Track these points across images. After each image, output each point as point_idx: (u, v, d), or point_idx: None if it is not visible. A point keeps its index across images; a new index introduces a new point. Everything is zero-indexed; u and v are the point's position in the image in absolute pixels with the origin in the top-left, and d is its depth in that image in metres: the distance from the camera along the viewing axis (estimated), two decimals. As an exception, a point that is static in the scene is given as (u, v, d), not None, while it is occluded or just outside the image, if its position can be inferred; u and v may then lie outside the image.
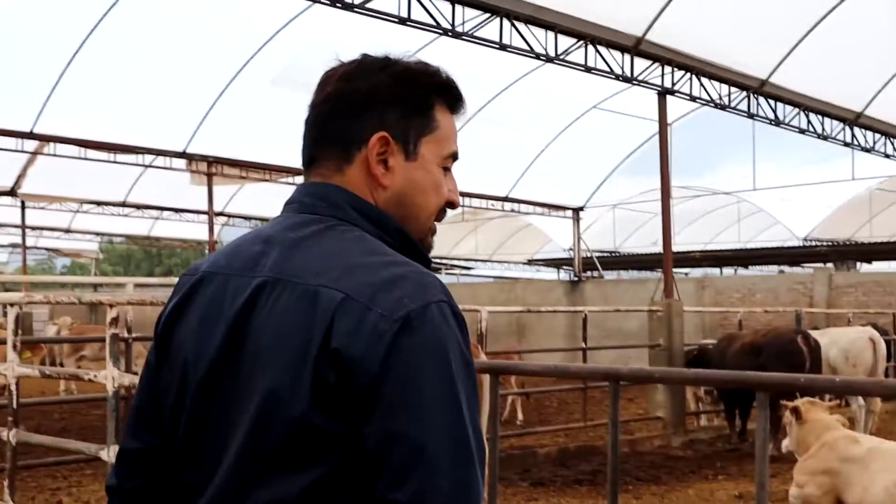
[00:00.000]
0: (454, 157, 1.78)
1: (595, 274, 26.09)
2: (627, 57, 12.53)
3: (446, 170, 1.77)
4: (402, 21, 10.34)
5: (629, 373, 4.84)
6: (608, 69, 12.29)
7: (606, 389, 11.34)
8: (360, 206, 1.68)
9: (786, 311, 16.77)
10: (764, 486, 3.28)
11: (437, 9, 10.59)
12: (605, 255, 29.38)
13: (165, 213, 26.18)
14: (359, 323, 1.49)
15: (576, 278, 23.95)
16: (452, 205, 1.79)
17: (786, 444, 9.17)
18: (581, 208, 23.69)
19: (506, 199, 22.41)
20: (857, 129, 16.48)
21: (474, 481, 1.50)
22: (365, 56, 1.74)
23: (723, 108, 13.93)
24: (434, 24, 10.58)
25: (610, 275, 31.74)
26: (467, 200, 22.10)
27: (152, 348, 1.75)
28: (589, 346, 12.53)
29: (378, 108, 1.68)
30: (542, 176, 21.76)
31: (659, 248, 33.03)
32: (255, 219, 26.36)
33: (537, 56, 11.64)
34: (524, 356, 14.44)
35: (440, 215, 1.79)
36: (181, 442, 1.64)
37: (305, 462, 1.51)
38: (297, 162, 2.50)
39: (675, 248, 31.98)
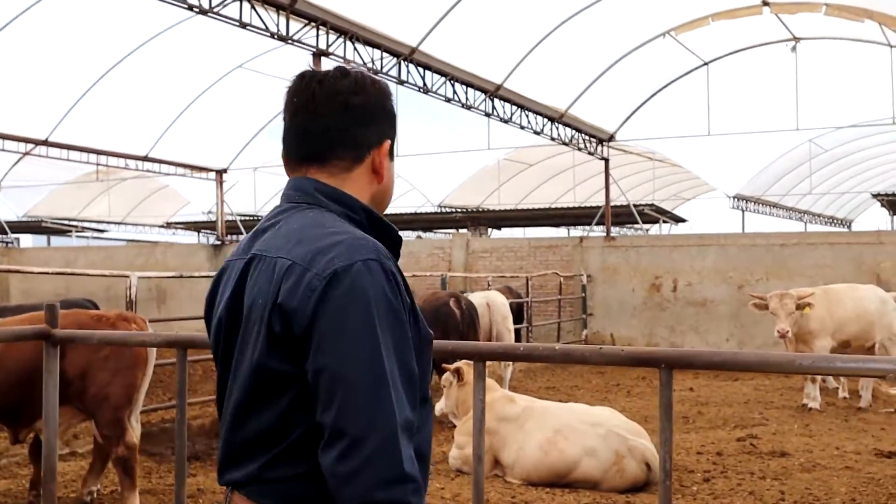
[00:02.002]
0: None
1: (239, 237, 25.48)
2: (283, 15, 12.18)
3: None
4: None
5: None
6: (263, 26, 11.86)
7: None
8: (326, 190, 2.09)
9: (432, 276, 17.26)
10: (481, 458, 3.17)
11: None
12: (248, 218, 28.85)
13: None
14: (297, 282, 1.89)
15: (219, 242, 23.27)
16: None
17: (440, 406, 9.40)
18: (224, 170, 23.03)
19: (145, 159, 21.24)
20: (496, 101, 17.21)
21: (387, 403, 1.81)
22: (344, 70, 2.13)
23: (374, 73, 13.89)
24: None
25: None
26: (103, 158, 20.76)
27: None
28: None
29: (378, 119, 2.12)
30: (184, 136, 20.87)
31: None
32: None
33: (190, 7, 10.99)
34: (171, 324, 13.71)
35: None
36: (219, 381, 2.13)
37: (272, 397, 1.93)
38: None
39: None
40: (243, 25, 11.56)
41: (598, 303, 19.97)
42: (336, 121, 2.07)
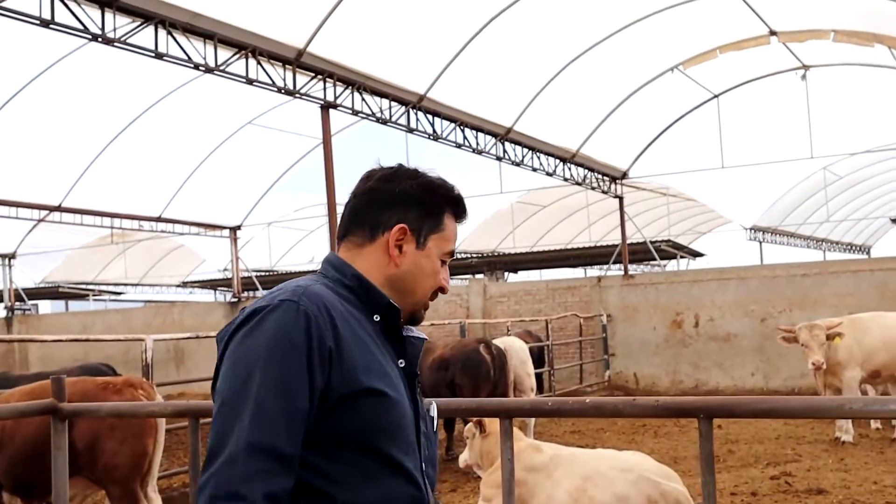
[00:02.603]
0: (451, 254, 2.33)
1: (256, 293, 25.36)
2: (290, 70, 12.14)
3: (443, 262, 2.31)
4: (45, 24, 9.30)
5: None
6: (270, 81, 11.82)
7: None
8: (334, 261, 2.28)
9: (450, 323, 17.07)
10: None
11: (85, 12, 9.64)
12: (263, 273, 28.77)
13: None
14: (233, 319, 2.09)
15: (235, 299, 23.17)
16: (443, 290, 2.33)
17: (464, 458, 9.17)
18: (238, 227, 22.97)
19: (159, 220, 21.20)
20: (507, 144, 17.13)
21: (242, 424, 1.92)
22: (401, 166, 2.31)
23: (384, 122, 13.89)
24: (82, 27, 9.60)
25: (270, 294, 31.09)
26: (117, 221, 20.72)
27: None
28: None
29: (404, 206, 2.24)
30: (196, 195, 20.85)
31: (314, 266, 33.10)
32: None
33: (196, 66, 10.94)
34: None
35: (433, 296, 2.31)
36: None
37: None
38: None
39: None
40: (250, 82, 11.51)
41: (620, 342, 19.72)
42: (360, 202, 2.27)
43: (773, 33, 16.14)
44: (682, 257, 30.56)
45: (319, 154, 21.97)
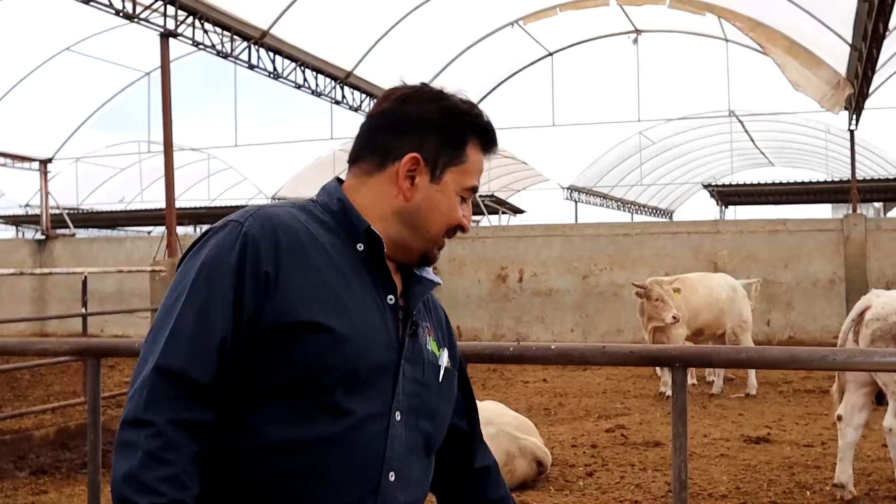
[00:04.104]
0: (473, 190, 2.07)
1: (69, 232, 23.94)
2: (128, -10, 11.38)
3: (464, 199, 2.06)
4: None
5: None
6: (108, 3, 11.02)
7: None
8: (329, 185, 2.07)
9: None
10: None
11: None
12: (72, 211, 27.30)
13: None
14: None
15: (44, 236, 21.83)
16: (462, 228, 2.08)
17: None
18: (49, 160, 21.61)
19: (-40, 147, 19.71)
20: (346, 88, 16.76)
21: (156, 347, 1.78)
22: (423, 85, 2.07)
23: (224, 56, 13.27)
24: None
25: (81, 233, 29.61)
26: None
27: None
28: (90, 312, 11.06)
29: (420, 133, 1.99)
30: (4, 123, 19.46)
31: (123, 206, 31.74)
32: None
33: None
34: None
35: (450, 233, 2.08)
36: None
37: None
38: None
39: (143, 206, 30.91)
40: (86, 1, 10.70)
41: (446, 295, 19.77)
42: (373, 124, 2.05)
43: (613, -6, 16.42)
44: (503, 213, 31.01)
45: (139, 88, 21.02)
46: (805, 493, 7.36)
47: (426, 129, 1.99)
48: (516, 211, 31.71)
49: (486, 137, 2.06)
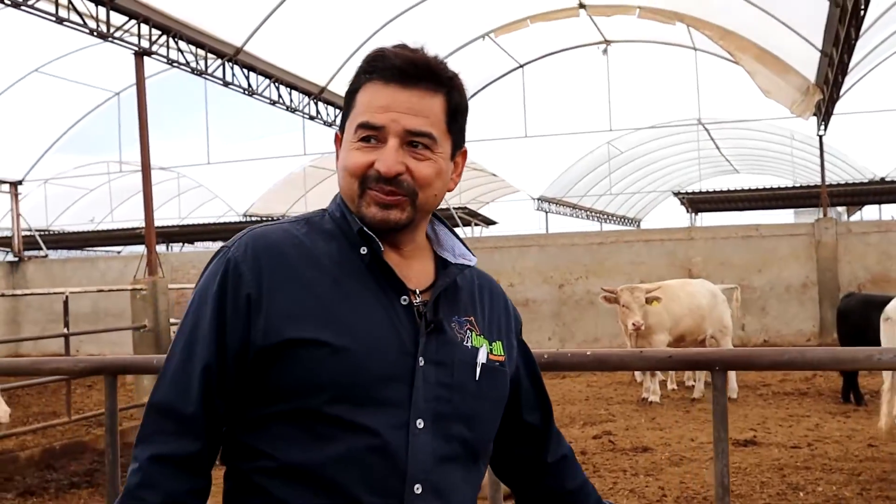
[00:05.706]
0: (364, 126, 1.81)
1: (41, 254, 23.65)
2: (103, 10, 11.29)
3: (366, 140, 1.81)
4: None
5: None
6: (82, 22, 10.96)
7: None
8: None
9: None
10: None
11: None
12: (43, 233, 27.03)
13: None
14: None
15: (16, 258, 21.61)
16: (381, 174, 1.80)
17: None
18: (20, 182, 21.40)
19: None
20: (320, 104, 16.75)
21: (163, 373, 1.83)
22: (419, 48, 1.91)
23: (199, 73, 13.22)
24: None
25: (53, 255, 29.31)
26: None
27: None
28: (72, 332, 10.93)
29: (350, 104, 1.88)
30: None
31: (93, 227, 31.45)
32: None
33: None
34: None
35: (369, 183, 1.82)
36: None
37: None
38: None
39: (115, 226, 30.65)
40: (60, 21, 10.63)
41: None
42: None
43: (581, 6, 16.51)
44: (476, 225, 31.03)
45: (109, 109, 20.87)
46: (798, 493, 7.43)
47: (344, 106, 1.92)
48: (488, 222, 31.72)
49: (376, 68, 1.82)
